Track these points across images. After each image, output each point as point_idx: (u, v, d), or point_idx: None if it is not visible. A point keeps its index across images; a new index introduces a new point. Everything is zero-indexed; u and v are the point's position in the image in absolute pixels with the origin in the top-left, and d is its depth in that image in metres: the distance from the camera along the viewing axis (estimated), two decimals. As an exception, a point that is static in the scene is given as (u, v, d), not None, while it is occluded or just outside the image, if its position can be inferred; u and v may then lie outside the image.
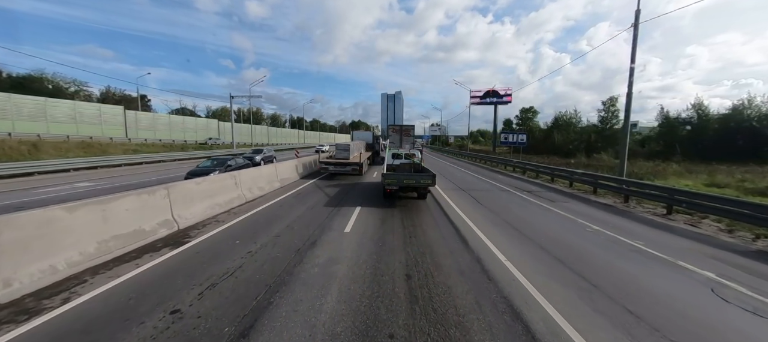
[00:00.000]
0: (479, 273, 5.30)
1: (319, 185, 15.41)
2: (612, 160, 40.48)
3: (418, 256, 5.97)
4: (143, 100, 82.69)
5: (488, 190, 14.82)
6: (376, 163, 24.23)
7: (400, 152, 16.59)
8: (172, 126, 42.67)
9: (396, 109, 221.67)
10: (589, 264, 5.85)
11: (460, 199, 12.17)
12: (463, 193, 13.69)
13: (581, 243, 7.14)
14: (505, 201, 12.10)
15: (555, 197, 13.22)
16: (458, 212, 9.85)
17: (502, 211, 10.26)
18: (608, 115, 49.02)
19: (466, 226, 8.23)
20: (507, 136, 26.57)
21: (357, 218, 8.88)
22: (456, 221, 8.77)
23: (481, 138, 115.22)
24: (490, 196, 13.25)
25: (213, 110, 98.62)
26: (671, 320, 4.02)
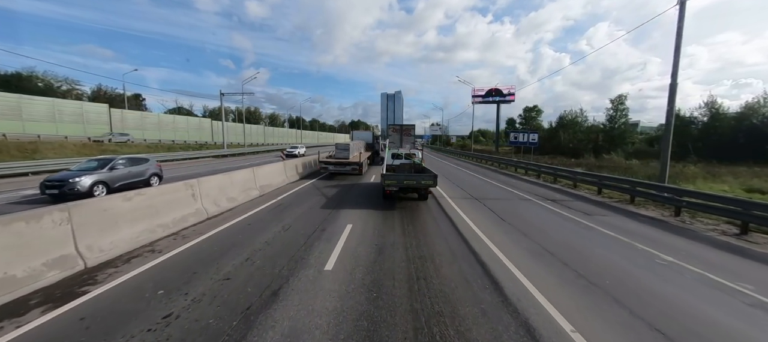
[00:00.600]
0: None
1: (308, 191, 13.16)
2: (623, 160, 38.41)
3: (434, 321, 3.76)
4: (138, 99, 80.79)
5: (506, 198, 12.55)
6: (376, 163, 23.61)
7: (400, 152, 15.78)
8: (162, 125, 40.43)
9: (396, 109, 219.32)
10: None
11: (476, 212, 9.90)
12: (477, 203, 11.42)
13: (667, 289, 4.89)
14: (530, 215, 9.84)
15: (588, 209, 10.97)
16: (478, 234, 7.60)
17: (533, 231, 8.00)
18: (616, 114, 46.81)
19: (493, 257, 5.99)
20: (516, 136, 24.32)
21: (345, 243, 6.63)
22: (478, 249, 6.52)
23: (482, 138, 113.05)
24: (511, 207, 10.98)
25: (210, 110, 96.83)
26: None
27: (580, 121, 53.91)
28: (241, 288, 4.53)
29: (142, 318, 3.76)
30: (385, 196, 10.87)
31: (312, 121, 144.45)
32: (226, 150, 34.53)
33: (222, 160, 29.94)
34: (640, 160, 39.10)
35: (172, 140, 37.83)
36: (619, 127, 46.58)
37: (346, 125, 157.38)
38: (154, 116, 40.14)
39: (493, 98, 62.43)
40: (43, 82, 50.39)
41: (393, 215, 9.30)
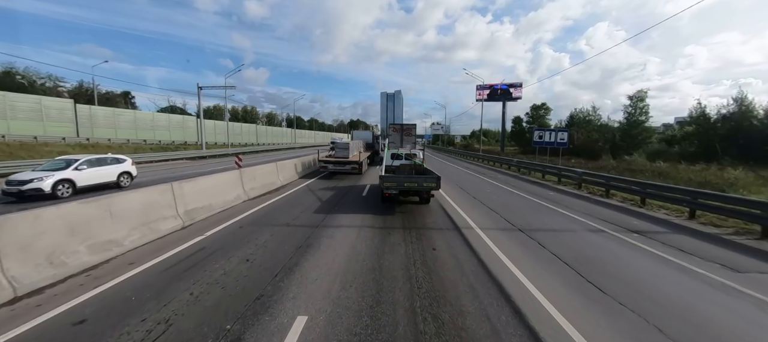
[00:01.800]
0: None
1: (270, 215, 8.94)
2: (646, 162, 34.37)
3: None
4: (126, 97, 76.67)
5: (565, 229, 8.36)
6: (376, 163, 22.61)
7: (400, 152, 14.50)
8: (139, 124, 36.28)
9: (396, 109, 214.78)
10: None
11: (537, 267, 5.80)
12: (527, 241, 7.31)
13: None
14: (635, 273, 5.78)
15: (708, 251, 6.89)
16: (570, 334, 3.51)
17: (672, 321, 3.93)
18: (635, 112, 42.68)
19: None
20: (541, 135, 20.19)
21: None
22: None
23: (484, 138, 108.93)
24: (583, 247, 6.91)
25: (204, 108, 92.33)
26: None
27: (593, 120, 49.83)
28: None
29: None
30: (384, 199, 9.95)
31: (310, 120, 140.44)
32: (205, 150, 30.39)
33: (200, 163, 25.84)
34: (664, 161, 35.18)
35: (143, 140, 33.65)
36: (636, 126, 42.44)
37: (344, 125, 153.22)
38: (130, 113, 36.00)
39: (499, 96, 58.32)
40: (25, 78, 46.96)
41: (396, 261, 5.20)
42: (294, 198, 11.50)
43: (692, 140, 40.42)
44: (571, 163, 34.02)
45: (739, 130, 35.76)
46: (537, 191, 14.13)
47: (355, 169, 17.32)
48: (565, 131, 20.29)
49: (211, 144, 44.65)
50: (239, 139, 53.59)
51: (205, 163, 25.45)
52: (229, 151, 34.25)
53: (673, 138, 48.31)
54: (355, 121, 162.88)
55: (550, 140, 19.99)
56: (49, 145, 23.23)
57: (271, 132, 67.15)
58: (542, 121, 58.45)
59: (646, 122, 42.13)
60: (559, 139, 19.80)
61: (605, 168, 26.23)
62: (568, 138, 19.98)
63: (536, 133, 20.48)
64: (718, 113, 39.28)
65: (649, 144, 42.60)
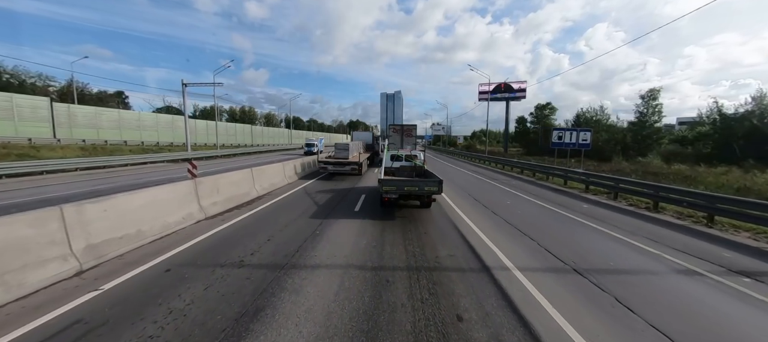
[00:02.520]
0: None
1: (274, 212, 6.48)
2: (663, 164, 32.01)
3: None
4: (120, 96, 74.25)
5: (646, 272, 5.81)
6: (376, 164, 22.27)
7: (400, 154, 13.66)
8: (124, 124, 33.92)
9: (395, 109, 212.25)
10: None
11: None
12: (598, 297, 4.85)
13: None
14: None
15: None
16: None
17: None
18: (647, 111, 40.28)
19: None
20: (561, 135, 17.73)
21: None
22: None
23: (484, 138, 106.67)
24: (698, 314, 4.45)
25: (200, 109, 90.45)
26: None
27: (601, 120, 47.39)
28: None
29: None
30: (383, 203, 9.52)
31: (309, 120, 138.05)
32: (191, 152, 27.93)
33: (181, 166, 23.36)
34: (679, 163, 32.82)
35: (124, 141, 31.21)
36: (648, 126, 40.04)
37: (344, 125, 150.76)
38: (114, 113, 33.55)
39: (502, 94, 55.95)
40: (14, 77, 45.00)
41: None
42: (267, 215, 9.03)
43: (707, 141, 38.10)
44: (587, 167, 31.75)
45: (758, 131, 33.38)
46: (566, 202, 11.68)
47: (354, 170, 17.06)
48: (588, 131, 17.81)
49: (200, 145, 42.21)
50: (233, 140, 51.13)
51: (183, 167, 23.00)
52: (218, 153, 31.80)
53: (684, 138, 45.93)
54: (355, 122, 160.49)
55: (570, 141, 17.53)
56: (6, 148, 20.77)
57: (268, 133, 64.73)
58: (547, 121, 56.06)
59: (660, 122, 39.77)
60: (581, 140, 17.34)
61: (623, 171, 23.84)
62: (591, 139, 17.47)
63: (555, 133, 18.02)
64: (735, 112, 36.89)
65: (661, 145, 40.18)
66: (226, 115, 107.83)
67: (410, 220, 8.59)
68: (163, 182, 8.24)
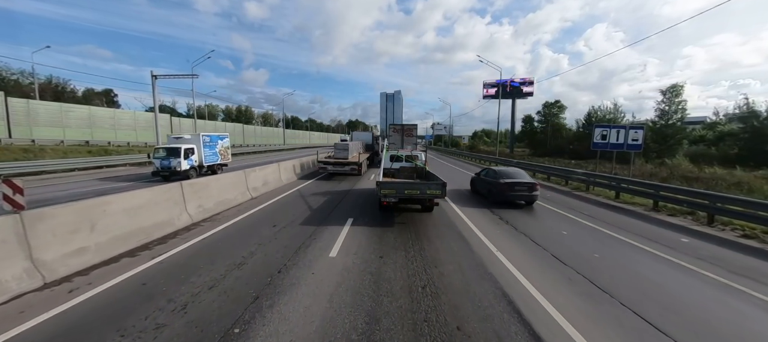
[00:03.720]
0: None
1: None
2: (693, 167, 28.51)
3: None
4: (108, 95, 70.55)
5: None
6: (375, 164, 21.45)
7: (400, 154, 12.31)
8: (96, 122, 30.26)
9: (395, 109, 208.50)
10: None
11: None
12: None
13: None
14: None
15: None
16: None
17: None
18: (670, 109, 36.71)
19: None
20: (605, 134, 13.99)
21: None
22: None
23: (486, 138, 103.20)
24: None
25: (194, 108, 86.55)
26: None
27: (617, 119, 43.83)
28: None
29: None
30: (382, 207, 8.61)
31: (308, 120, 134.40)
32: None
33: (143, 171, 19.79)
34: (708, 164, 29.35)
35: (86, 141, 27.51)
36: (670, 125, 36.44)
37: (343, 125, 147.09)
38: (83, 110, 29.85)
39: (508, 93, 52.43)
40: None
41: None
42: (174, 271, 5.39)
43: (734, 141, 34.65)
44: (592, 168, 28.17)
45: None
46: (646, 230, 7.99)
47: (354, 171, 16.56)
48: (639, 129, 14.11)
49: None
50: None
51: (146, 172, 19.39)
52: (197, 155, 28.10)
53: (702, 138, 42.47)
54: (354, 122, 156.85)
55: (616, 141, 13.90)
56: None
57: (263, 132, 61.02)
58: (556, 120, 52.53)
59: (684, 120, 36.18)
60: (631, 139, 13.69)
61: (657, 176, 20.38)
62: (643, 138, 13.83)
63: (597, 131, 14.31)
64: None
65: (683, 145, 36.57)
66: (223, 115, 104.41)
67: (417, 250, 6.11)
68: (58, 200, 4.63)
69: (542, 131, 53.17)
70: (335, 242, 6.32)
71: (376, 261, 5.40)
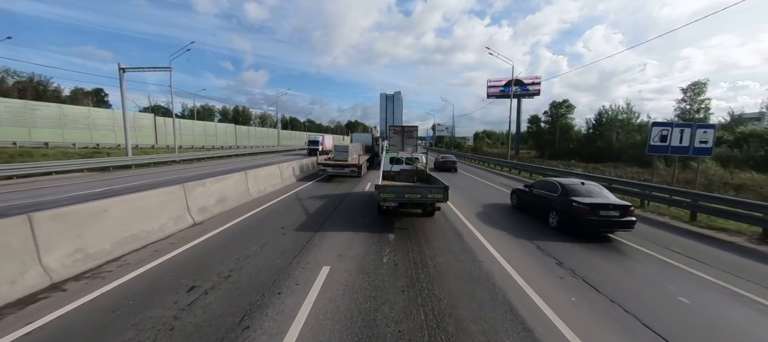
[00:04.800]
0: None
1: None
2: (724, 171, 25.51)
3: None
4: (99, 95, 67.57)
5: None
6: (375, 166, 20.76)
7: (400, 157, 11.77)
8: (68, 121, 27.28)
9: (395, 110, 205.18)
10: None
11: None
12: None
13: None
14: None
15: None
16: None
17: None
18: (692, 108, 33.69)
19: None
20: (665, 134, 10.76)
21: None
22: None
23: (487, 139, 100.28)
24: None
25: (189, 108, 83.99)
26: None
27: (630, 120, 40.79)
28: None
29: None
30: (381, 211, 8.18)
31: (306, 121, 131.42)
32: (132, 157, 21.23)
33: (98, 178, 16.73)
34: (739, 169, 26.40)
35: (45, 143, 24.49)
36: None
37: (342, 126, 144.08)
38: (52, 108, 26.80)
39: (514, 91, 49.37)
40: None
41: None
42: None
43: (760, 143, 31.72)
44: (607, 173, 25.14)
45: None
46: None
47: (354, 173, 16.17)
48: (710, 128, 11.00)
49: (162, 148, 35.47)
50: (213, 142, 44.38)
51: (95, 180, 16.32)
52: (175, 157, 25.05)
53: (720, 140, 39.44)
54: (353, 123, 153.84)
55: (680, 144, 10.75)
56: None
57: (257, 134, 57.94)
58: (564, 120, 49.52)
59: (708, 120, 33.13)
60: (699, 141, 10.55)
61: (692, 184, 17.34)
62: (714, 139, 10.70)
63: (656, 131, 11.01)
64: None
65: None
66: (219, 115, 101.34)
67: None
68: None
69: (550, 132, 50.15)
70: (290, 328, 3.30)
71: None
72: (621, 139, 36.81)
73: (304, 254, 5.68)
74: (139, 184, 13.97)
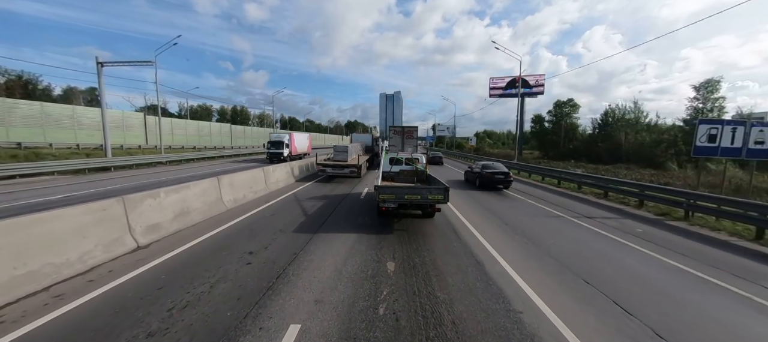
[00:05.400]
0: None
1: None
2: (744, 174, 23.86)
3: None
4: (93, 93, 66.01)
5: None
6: (375, 166, 19.99)
7: (400, 157, 11.42)
8: (50, 120, 25.62)
9: (395, 110, 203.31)
10: None
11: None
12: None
13: None
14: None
15: None
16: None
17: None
18: (705, 107, 32.01)
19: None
20: (714, 134, 9.08)
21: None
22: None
23: (488, 139, 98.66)
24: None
25: (186, 107, 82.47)
26: None
27: (639, 120, 39.14)
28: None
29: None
30: (380, 213, 8.03)
31: (306, 121, 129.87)
32: (111, 159, 19.60)
33: (71, 182, 15.10)
34: (758, 171, 24.70)
35: (18, 143, 22.84)
36: (706, 124, 31.73)
37: (341, 126, 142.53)
38: (33, 106, 25.14)
39: (517, 90, 47.77)
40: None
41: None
42: None
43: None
44: (623, 174, 23.45)
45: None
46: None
47: (353, 173, 16.05)
48: (767, 126, 9.34)
49: (154, 149, 33.81)
50: (208, 142, 42.71)
51: (58, 184, 14.70)
52: (161, 158, 23.40)
53: (730, 140, 37.67)
54: (353, 123, 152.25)
55: (731, 145, 9.07)
56: None
57: (253, 134, 56.34)
58: (568, 120, 47.85)
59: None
60: (754, 142, 8.85)
61: (718, 188, 15.67)
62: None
63: (702, 129, 9.18)
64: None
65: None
66: (217, 115, 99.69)
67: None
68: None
69: (553, 132, 48.50)
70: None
71: None
72: (630, 139, 35.15)
73: (267, 301, 4.01)
74: (99, 190, 12.31)
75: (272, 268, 5.02)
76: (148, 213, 6.06)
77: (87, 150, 25.43)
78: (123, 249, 5.36)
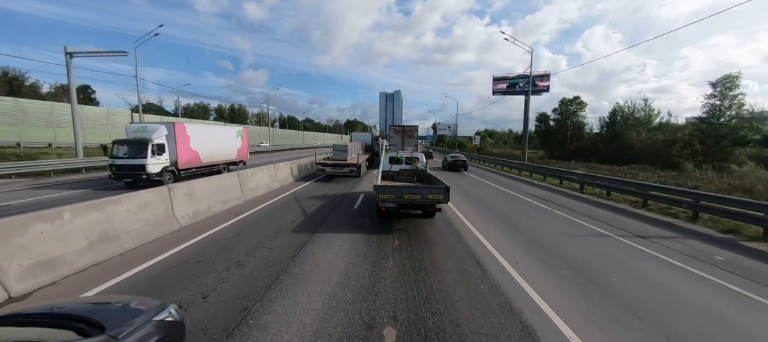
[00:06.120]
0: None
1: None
2: (763, 173, 22.03)
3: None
4: (86, 91, 64.06)
5: None
6: (375, 166, 18.57)
7: (400, 157, 11.21)
8: (25, 118, 23.82)
9: (395, 109, 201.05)
10: None
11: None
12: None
13: None
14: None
15: None
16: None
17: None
18: (722, 104, 30.08)
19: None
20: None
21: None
22: None
23: (489, 139, 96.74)
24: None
25: (184, 106, 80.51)
26: None
27: (649, 118, 37.23)
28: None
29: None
30: (380, 213, 7.86)
31: (305, 120, 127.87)
32: (83, 159, 17.62)
33: (27, 185, 13.16)
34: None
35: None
36: (723, 124, 29.78)
37: (340, 125, 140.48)
38: (9, 102, 23.19)
39: (521, 88, 45.79)
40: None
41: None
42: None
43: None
44: (639, 177, 21.51)
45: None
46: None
47: (353, 173, 15.68)
48: None
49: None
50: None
51: (30, 188, 12.76)
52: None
53: (744, 139, 35.89)
54: (352, 122, 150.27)
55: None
56: None
57: (251, 133, 54.19)
58: (575, 119, 45.92)
59: (739, 117, 29.43)
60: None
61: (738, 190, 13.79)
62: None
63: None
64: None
65: (743, 147, 29.72)
66: (214, 114, 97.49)
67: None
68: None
69: (559, 131, 46.56)
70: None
71: None
72: (642, 139, 33.20)
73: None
74: (34, 200, 10.35)
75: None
76: (37, 244, 4.09)
77: (61, 150, 23.43)
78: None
